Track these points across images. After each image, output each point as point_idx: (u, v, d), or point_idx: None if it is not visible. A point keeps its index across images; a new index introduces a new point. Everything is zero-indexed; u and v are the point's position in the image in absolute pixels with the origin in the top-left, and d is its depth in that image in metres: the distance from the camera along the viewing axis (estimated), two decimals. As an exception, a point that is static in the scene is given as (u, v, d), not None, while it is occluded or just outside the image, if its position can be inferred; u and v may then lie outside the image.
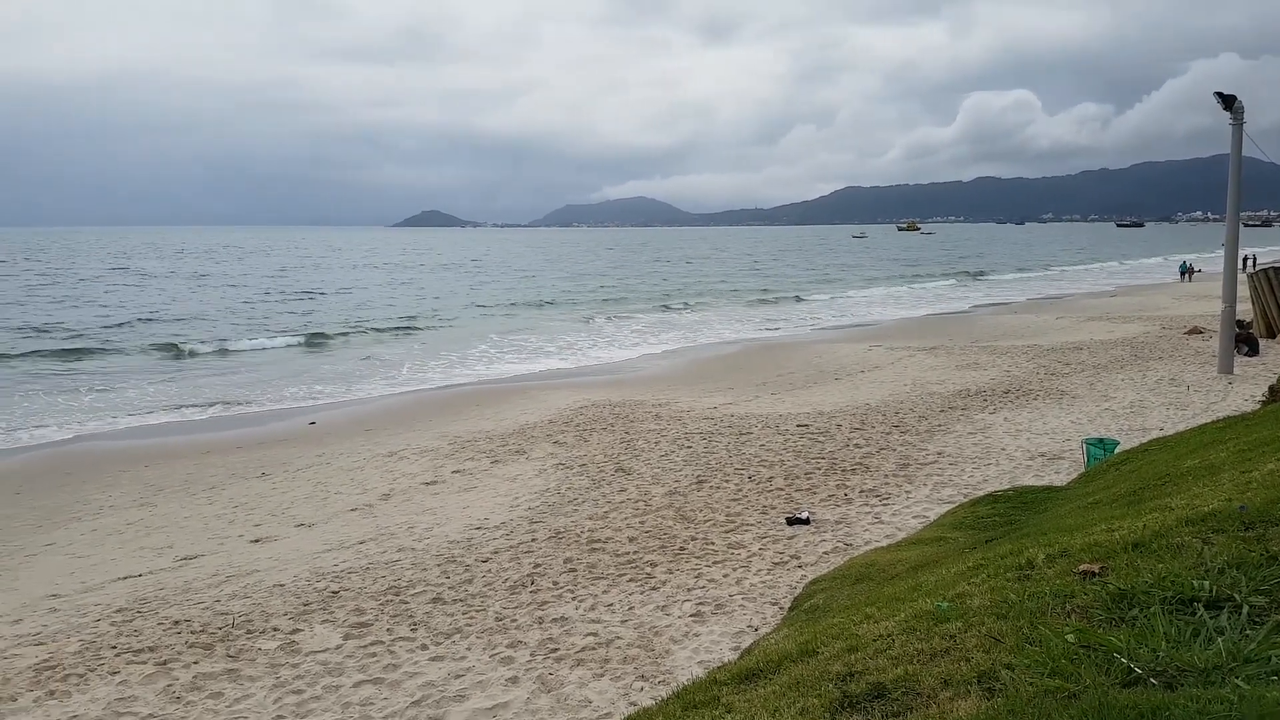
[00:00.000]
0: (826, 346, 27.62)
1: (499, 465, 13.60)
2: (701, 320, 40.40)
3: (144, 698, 6.62)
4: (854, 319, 39.16)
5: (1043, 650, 3.15)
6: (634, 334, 35.25)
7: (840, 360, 24.05)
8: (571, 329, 36.99)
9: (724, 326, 37.44)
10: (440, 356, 28.87)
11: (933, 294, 53.52)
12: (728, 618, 7.64)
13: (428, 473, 13.39)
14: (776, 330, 35.34)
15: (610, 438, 14.97)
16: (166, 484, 13.57)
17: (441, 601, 8.26)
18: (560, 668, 6.83)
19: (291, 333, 34.32)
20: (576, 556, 9.28)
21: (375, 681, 6.75)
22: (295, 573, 9.30)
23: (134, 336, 33.48)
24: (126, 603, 8.65)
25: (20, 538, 11.13)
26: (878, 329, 34.18)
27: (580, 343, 32.62)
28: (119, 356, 29.13)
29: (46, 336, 33.09)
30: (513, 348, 31.18)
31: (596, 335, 34.94)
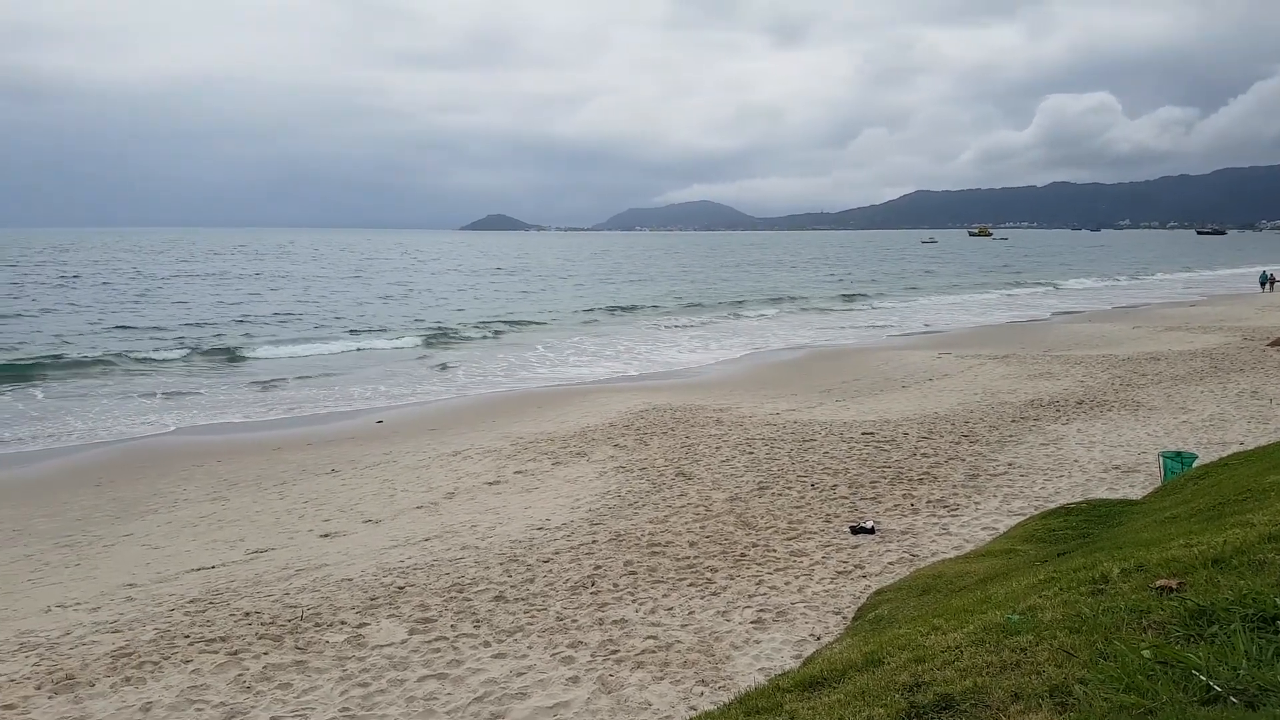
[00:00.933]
0: (894, 353, 27.21)
1: (560, 467, 13.69)
2: (765, 325, 40.15)
3: (215, 686, 6.81)
4: (923, 325, 38.51)
5: (1118, 665, 3.06)
6: (696, 338, 35.18)
7: (908, 367, 23.66)
8: (634, 332, 37.06)
9: (788, 331, 37.14)
10: (499, 359, 29.18)
11: (1004, 301, 52.34)
12: (789, 626, 7.56)
13: (490, 472, 13.54)
14: (842, 336, 34.94)
15: (671, 442, 14.95)
16: (239, 479, 13.95)
17: (504, 600, 8.33)
18: (621, 669, 6.83)
19: (391, 332, 35.11)
20: (637, 559, 9.28)
21: (439, 677, 6.84)
22: (362, 568, 9.48)
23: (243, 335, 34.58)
24: (200, 593, 8.90)
25: (99, 528, 11.55)
26: (947, 336, 33.58)
27: (642, 346, 32.67)
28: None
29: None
30: (574, 350, 31.37)
31: (659, 339, 34.95)
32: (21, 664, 7.29)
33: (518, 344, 33.21)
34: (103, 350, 29.75)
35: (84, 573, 9.82)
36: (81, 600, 8.84)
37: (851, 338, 34.25)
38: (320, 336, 34.17)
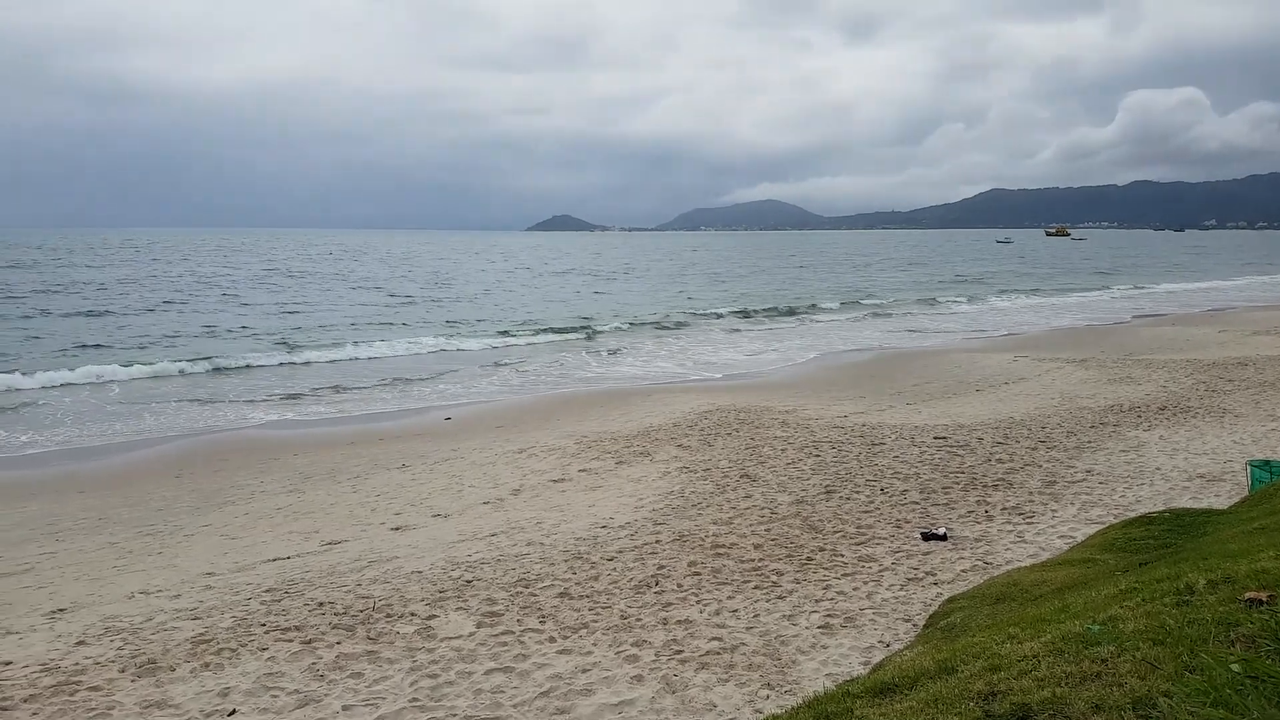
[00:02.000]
0: (967, 356, 26.65)
1: (624, 466, 13.71)
2: (833, 326, 39.67)
3: (290, 674, 6.98)
4: (997, 327, 37.65)
5: (1205, 679, 2.94)
6: (762, 338, 34.93)
7: (982, 370, 23.16)
8: (699, 333, 36.97)
9: (857, 333, 36.66)
10: (564, 359, 29.38)
11: (1083, 303, 50.84)
12: (858, 631, 7.45)
13: (555, 470, 13.63)
14: (913, 338, 34.35)
15: (735, 443, 14.87)
16: (314, 472, 14.30)
17: (569, 596, 8.38)
18: (685, 670, 6.82)
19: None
20: (701, 560, 9.24)
21: (505, 670, 6.91)
22: (432, 561, 9.63)
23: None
24: (275, 583, 9.14)
25: (180, 518, 11.94)
26: (1023, 338, 32.77)
27: (707, 346, 32.56)
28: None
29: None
30: (638, 350, 31.42)
31: (724, 339, 34.80)
32: (106, 647, 7.57)
33: (582, 344, 33.40)
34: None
35: (165, 561, 10.16)
36: (163, 587, 9.15)
37: (923, 339, 33.65)
38: (415, 335, 34.63)
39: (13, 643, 7.75)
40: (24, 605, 8.72)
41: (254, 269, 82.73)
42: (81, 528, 11.64)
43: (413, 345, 31.43)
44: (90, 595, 8.98)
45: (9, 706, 6.50)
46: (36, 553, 10.57)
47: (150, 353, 29.48)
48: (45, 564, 10.13)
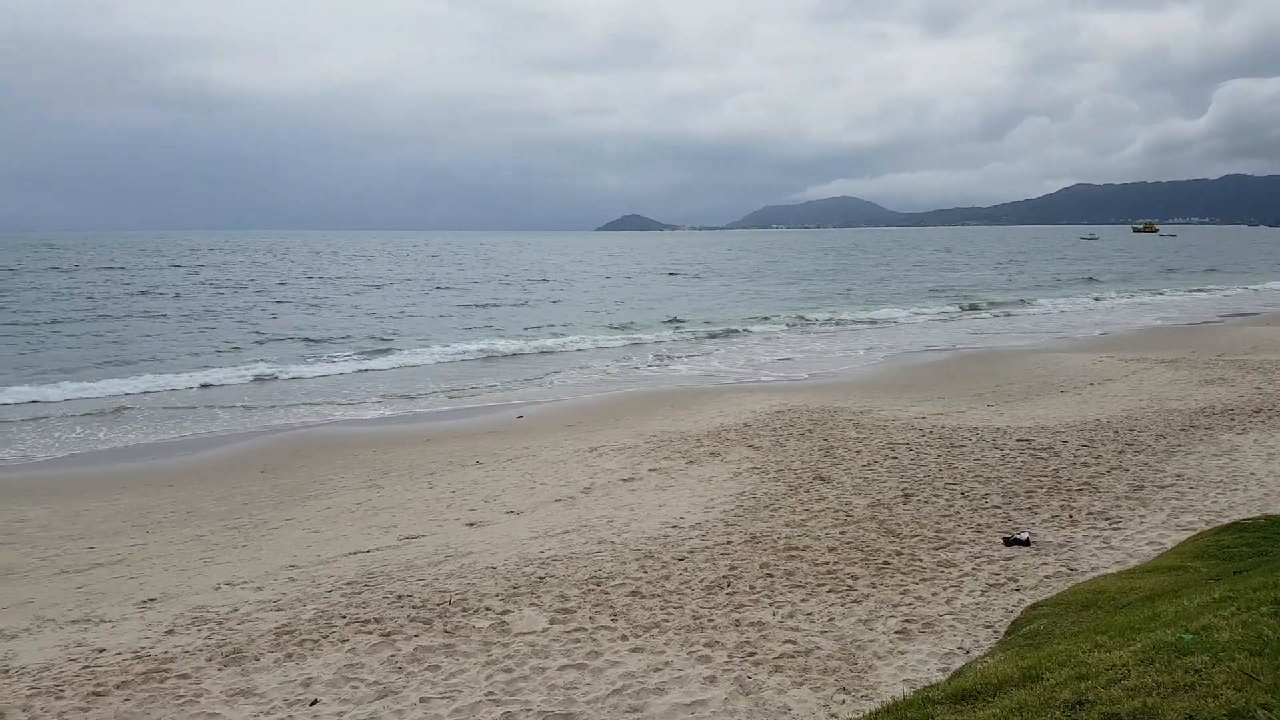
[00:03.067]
0: (1051, 356, 25.91)
1: (694, 466, 13.66)
2: (909, 324, 38.99)
3: (370, 666, 7.13)
4: (1082, 326, 36.53)
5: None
6: (837, 337, 34.50)
7: (1067, 371, 22.48)
8: (772, 331, 36.66)
9: (935, 332, 35.97)
10: (634, 358, 29.44)
11: (1171, 301, 49.02)
12: (936, 637, 7.29)
13: (626, 469, 13.65)
14: (994, 337, 33.53)
15: (808, 444, 14.69)
16: (392, 468, 14.59)
17: (640, 595, 8.38)
18: (758, 672, 6.75)
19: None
20: (773, 562, 9.15)
21: (579, 667, 6.94)
22: (505, 556, 9.73)
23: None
24: (355, 576, 9.34)
25: (264, 512, 12.31)
26: (1109, 338, 31.74)
27: (780, 345, 32.29)
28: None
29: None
30: (708, 349, 31.32)
31: (797, 338, 34.46)
32: (194, 637, 7.83)
33: (655, 343, 33.41)
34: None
35: (250, 553, 10.47)
36: (248, 579, 9.43)
37: (1004, 339, 32.82)
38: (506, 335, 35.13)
39: (106, 631, 8.08)
40: (117, 595, 9.08)
41: (346, 270, 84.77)
42: (171, 520, 12.09)
43: (493, 345, 31.63)
44: (179, 586, 9.30)
45: (103, 692, 6.77)
46: (128, 544, 11.00)
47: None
48: (136, 555, 10.54)
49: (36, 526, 11.89)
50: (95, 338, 34.20)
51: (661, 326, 38.15)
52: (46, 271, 74.61)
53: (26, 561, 10.41)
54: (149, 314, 42.49)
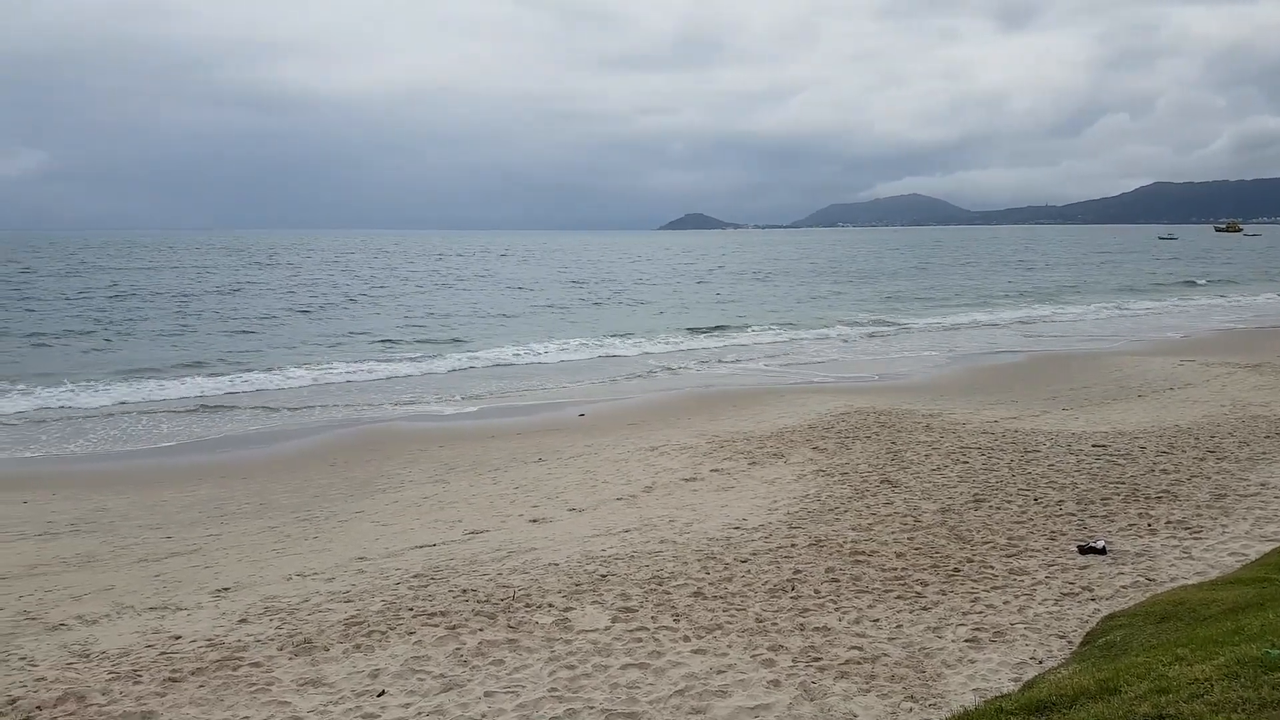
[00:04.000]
0: (1128, 359, 25.12)
1: (757, 467, 13.55)
2: (979, 325, 38.17)
3: (435, 658, 7.21)
4: (1161, 329, 35.36)
5: None
6: (905, 338, 33.97)
7: (1145, 375, 21.77)
8: (837, 331, 36.21)
9: (1007, 333, 35.17)
10: (697, 357, 29.37)
11: (1254, 303, 47.15)
12: (1008, 647, 7.10)
13: (687, 469, 13.60)
14: (1068, 339, 32.63)
15: (875, 447, 14.46)
16: (458, 464, 14.78)
17: (702, 596, 8.33)
18: (824, 677, 6.66)
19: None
20: (839, 567, 9.02)
21: (641, 666, 6.92)
22: (568, 554, 9.77)
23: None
24: (422, 569, 9.47)
25: (334, 505, 12.56)
26: (1189, 341, 30.66)
27: (846, 346, 31.90)
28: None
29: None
30: (771, 349, 31.08)
31: (863, 339, 33.98)
32: (266, 626, 8.01)
33: (719, 343, 33.27)
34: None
35: (320, 545, 10.69)
36: (318, 570, 9.62)
37: (1078, 341, 31.92)
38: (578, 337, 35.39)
39: (182, 618, 8.31)
40: (192, 583, 9.35)
41: (415, 268, 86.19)
42: (245, 512, 12.41)
43: (565, 348, 31.65)
44: (251, 576, 9.53)
45: (179, 678, 6.97)
46: (204, 534, 11.33)
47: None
48: (211, 545, 10.83)
49: (117, 515, 12.31)
50: (177, 337, 35.34)
51: (726, 327, 37.88)
52: (132, 271, 77.26)
53: (107, 549, 10.78)
54: (234, 312, 43.76)
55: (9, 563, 10.25)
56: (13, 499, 13.17)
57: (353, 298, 51.85)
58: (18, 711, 6.44)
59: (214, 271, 76.55)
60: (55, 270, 76.23)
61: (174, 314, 42.36)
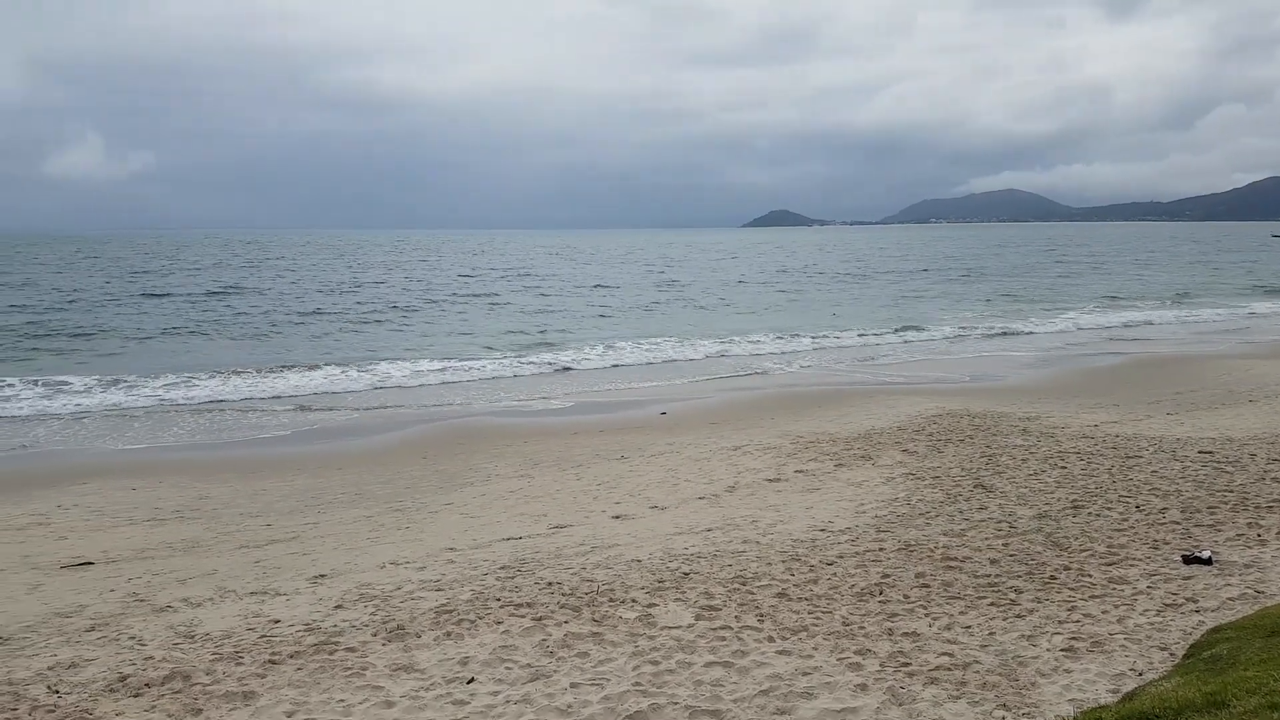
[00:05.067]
0: (1238, 362, 23.95)
1: (843, 469, 13.35)
2: (1081, 326, 36.83)
3: (522, 648, 7.33)
4: (1274, 331, 33.57)
5: None
6: (1000, 339, 33.02)
7: (1256, 379, 20.72)
8: (932, 330, 35.42)
9: (1109, 334, 33.86)
10: (779, 357, 29.09)
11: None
12: (1106, 657, 6.86)
13: (770, 469, 13.49)
14: (1174, 342, 31.25)
15: (968, 450, 14.10)
16: (542, 459, 14.97)
17: (787, 598, 8.25)
18: (912, 683, 6.53)
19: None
20: (929, 572, 8.83)
21: (725, 665, 6.90)
22: (650, 551, 9.80)
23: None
24: (509, 561, 9.63)
25: (426, 496, 12.86)
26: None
27: (938, 345, 31.19)
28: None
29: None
30: (856, 349, 30.58)
31: (956, 339, 33.17)
32: (361, 612, 8.26)
33: (799, 345, 32.90)
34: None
35: (412, 535, 10.96)
36: (410, 559, 9.87)
37: (1185, 344, 30.54)
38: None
39: (281, 603, 8.62)
40: (291, 570, 9.69)
41: (509, 267, 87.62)
42: (340, 501, 12.81)
43: (649, 348, 31.67)
44: (347, 563, 9.83)
45: (278, 660, 7.23)
46: (302, 522, 11.73)
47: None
48: (309, 533, 11.21)
49: (220, 503, 12.83)
50: (270, 333, 36.70)
51: (817, 327, 37.36)
52: (243, 269, 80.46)
53: (211, 536, 11.25)
54: (341, 312, 45.20)
55: (119, 547, 10.79)
56: (123, 485, 13.86)
57: (434, 299, 52.77)
58: (128, 688, 6.78)
59: (324, 270, 79.00)
60: (188, 267, 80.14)
61: (291, 312, 43.60)
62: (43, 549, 10.72)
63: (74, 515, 12.21)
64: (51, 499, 13.04)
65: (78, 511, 12.40)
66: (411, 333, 36.96)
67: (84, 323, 37.89)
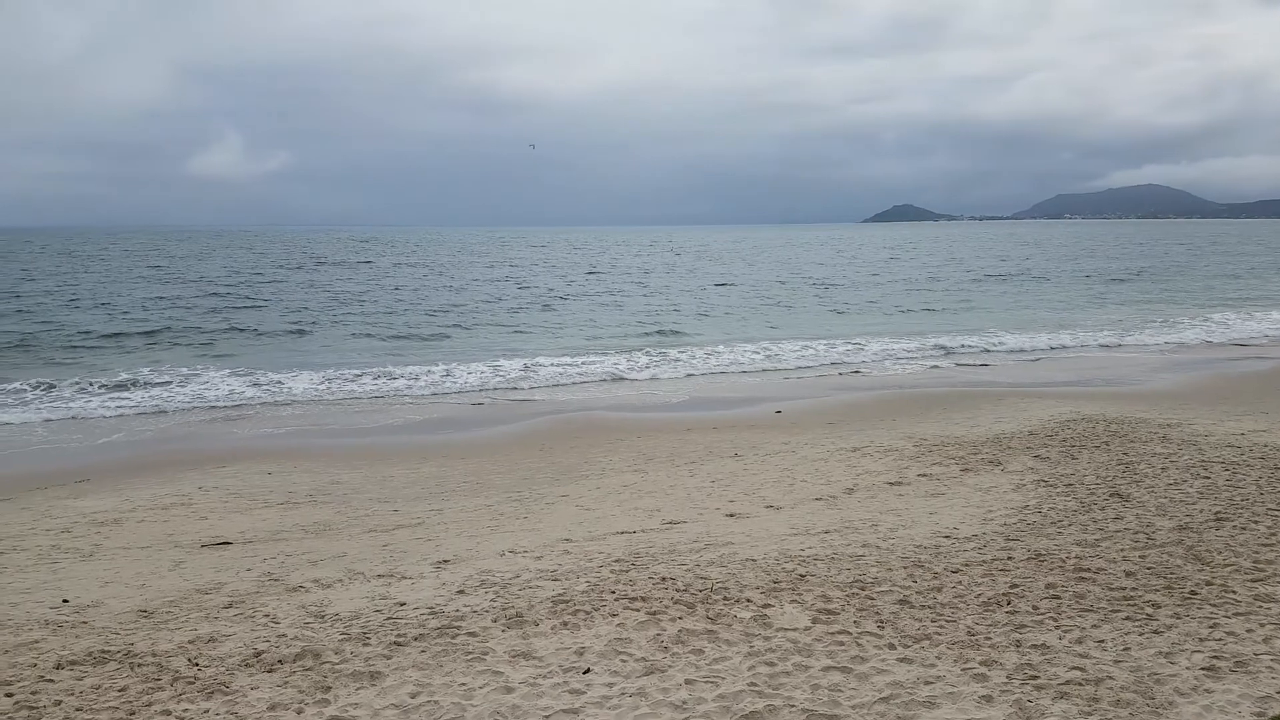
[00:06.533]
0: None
1: (970, 474, 12.90)
2: (1231, 328, 34.56)
3: (637, 641, 7.36)
4: None
5: None
6: (1143, 339, 31.31)
7: None
8: (1078, 332, 33.84)
9: (1264, 338, 31.70)
10: (900, 359, 28.34)
11: None
12: (1250, 678, 6.41)
13: (892, 472, 13.15)
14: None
15: (1104, 457, 13.43)
16: (656, 454, 15.02)
17: (909, 605, 8.03)
18: (1041, 697, 6.25)
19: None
20: (1061, 583, 8.44)
21: (843, 670, 6.76)
22: (765, 550, 9.71)
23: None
24: (623, 554, 9.69)
25: (542, 488, 13.09)
26: None
27: (1071, 345, 29.82)
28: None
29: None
30: (991, 349, 29.50)
31: (1093, 339, 31.62)
32: (481, 598, 8.46)
33: (936, 343, 31.98)
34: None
35: (530, 525, 11.18)
36: (528, 549, 10.06)
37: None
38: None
39: (406, 587, 8.91)
40: (416, 555, 10.01)
41: (632, 264, 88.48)
42: (463, 490, 13.17)
43: (766, 350, 31.35)
44: (468, 550, 10.10)
45: (403, 642, 7.48)
46: (426, 509, 12.11)
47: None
48: (433, 519, 11.57)
49: (350, 488, 13.39)
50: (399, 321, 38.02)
51: (954, 329, 35.91)
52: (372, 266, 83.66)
53: (341, 519, 11.74)
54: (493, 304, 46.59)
55: (256, 528, 11.38)
56: (259, 470, 14.62)
57: (561, 296, 53.55)
58: (262, 664, 7.13)
59: (457, 267, 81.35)
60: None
61: (418, 309, 44.96)
62: (185, 528, 11.40)
63: (214, 497, 12.95)
64: (194, 481, 13.86)
65: (218, 493, 13.14)
66: (533, 328, 37.70)
67: (243, 320, 39.39)
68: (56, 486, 13.68)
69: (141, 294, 49.80)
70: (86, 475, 14.40)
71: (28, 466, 15.26)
